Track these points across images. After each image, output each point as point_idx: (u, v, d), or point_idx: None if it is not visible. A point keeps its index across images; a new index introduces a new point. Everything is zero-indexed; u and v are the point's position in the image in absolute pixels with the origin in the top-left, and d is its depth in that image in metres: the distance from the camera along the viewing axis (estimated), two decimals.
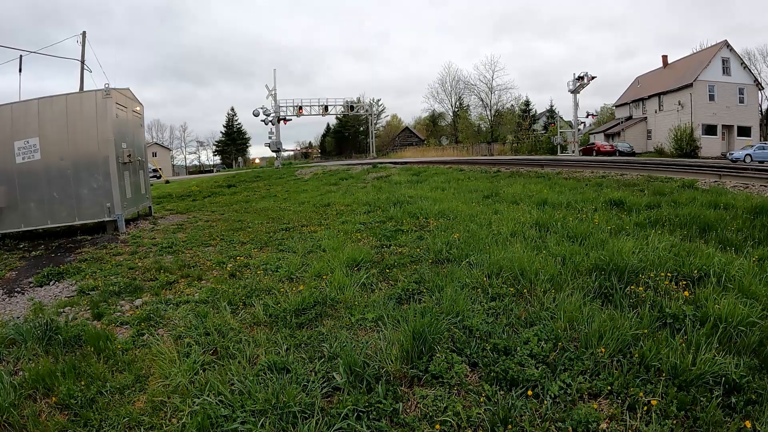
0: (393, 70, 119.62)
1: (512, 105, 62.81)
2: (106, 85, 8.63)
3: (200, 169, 75.00)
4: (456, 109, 67.70)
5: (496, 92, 61.52)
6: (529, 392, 2.57)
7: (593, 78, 41.57)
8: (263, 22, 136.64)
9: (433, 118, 73.51)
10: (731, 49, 37.71)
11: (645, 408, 2.38)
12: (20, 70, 19.97)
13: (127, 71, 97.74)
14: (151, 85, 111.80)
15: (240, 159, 73.67)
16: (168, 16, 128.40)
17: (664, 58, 44.94)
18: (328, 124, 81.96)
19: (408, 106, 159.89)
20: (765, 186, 9.79)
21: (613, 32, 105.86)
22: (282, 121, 43.11)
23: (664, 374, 2.61)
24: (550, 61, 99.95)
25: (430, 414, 2.48)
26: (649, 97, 42.88)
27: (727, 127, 37.25)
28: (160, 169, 38.08)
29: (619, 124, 46.51)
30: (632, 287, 3.75)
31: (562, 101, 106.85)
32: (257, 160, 66.03)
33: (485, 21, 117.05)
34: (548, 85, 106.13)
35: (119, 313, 4.26)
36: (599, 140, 44.93)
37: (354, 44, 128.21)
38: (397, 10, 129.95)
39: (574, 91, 42.28)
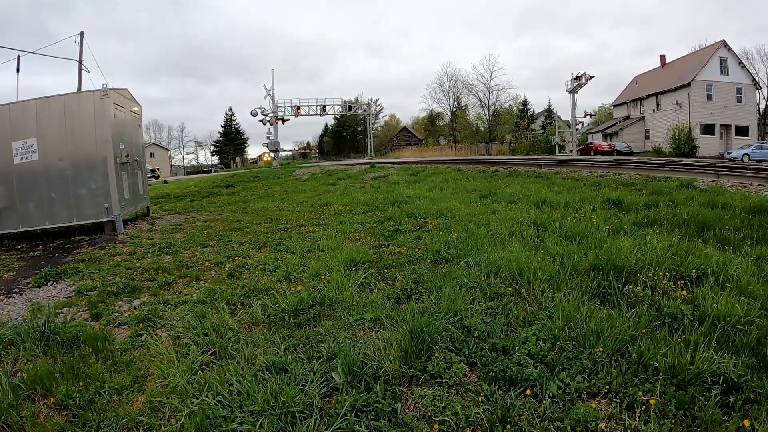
0: (407, 67, 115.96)
1: (510, 105, 63.03)
2: (104, 86, 8.60)
3: (198, 170, 74.86)
4: (454, 109, 67.79)
5: (494, 92, 61.81)
6: (528, 392, 2.57)
7: (591, 78, 41.70)
8: (276, 14, 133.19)
9: (432, 118, 73.55)
10: (729, 49, 37.81)
11: (643, 407, 2.38)
12: (18, 71, 19.97)
13: (129, 67, 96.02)
14: (155, 81, 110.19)
15: (238, 159, 73.56)
16: (174, 6, 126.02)
17: (662, 57, 45.03)
18: (326, 124, 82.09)
19: (412, 106, 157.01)
20: (763, 185, 9.81)
21: (636, 29, 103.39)
22: (280, 121, 43.10)
23: (662, 373, 2.61)
24: (566, 59, 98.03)
25: (429, 414, 2.48)
26: (647, 96, 42.96)
27: (725, 127, 37.35)
28: (158, 169, 38.06)
29: (617, 123, 46.58)
30: (630, 287, 3.75)
31: (567, 101, 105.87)
32: (266, 157, 62.27)
33: (507, 16, 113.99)
34: (560, 82, 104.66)
35: (117, 314, 4.24)
36: (597, 140, 45.03)
37: (369, 38, 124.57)
38: (419, 4, 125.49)
39: (572, 91, 42.40)
